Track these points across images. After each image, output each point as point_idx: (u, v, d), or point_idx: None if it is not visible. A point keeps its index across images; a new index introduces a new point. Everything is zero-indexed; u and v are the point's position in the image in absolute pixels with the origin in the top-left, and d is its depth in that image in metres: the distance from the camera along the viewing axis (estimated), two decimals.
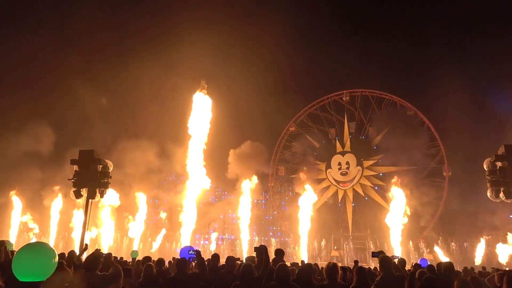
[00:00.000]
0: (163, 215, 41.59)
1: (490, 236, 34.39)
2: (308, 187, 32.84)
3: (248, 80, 50.40)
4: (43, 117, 41.34)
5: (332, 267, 5.86)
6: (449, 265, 7.93)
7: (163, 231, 39.47)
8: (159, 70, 50.49)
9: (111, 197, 31.97)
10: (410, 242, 38.66)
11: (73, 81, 48.54)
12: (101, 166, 17.00)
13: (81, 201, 17.52)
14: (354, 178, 45.06)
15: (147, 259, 9.59)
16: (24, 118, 41.99)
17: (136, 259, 12.93)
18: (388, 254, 7.09)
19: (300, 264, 11.57)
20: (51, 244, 28.85)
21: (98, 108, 46.71)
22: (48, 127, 40.01)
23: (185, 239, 29.38)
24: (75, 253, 9.15)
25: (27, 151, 38.91)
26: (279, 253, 7.48)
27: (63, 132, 42.33)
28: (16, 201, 37.32)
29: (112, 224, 36.98)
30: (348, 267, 10.74)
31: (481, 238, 34.51)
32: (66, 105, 45.98)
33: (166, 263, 10.24)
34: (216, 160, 46.84)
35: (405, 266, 8.39)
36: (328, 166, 46.51)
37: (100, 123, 45.29)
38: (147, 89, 51.66)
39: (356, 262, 13.69)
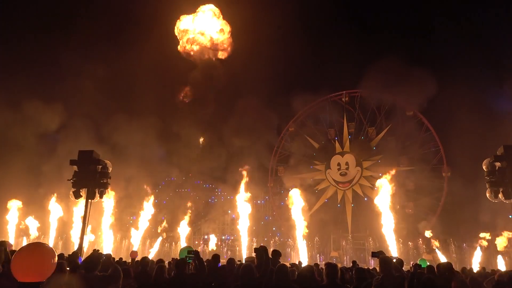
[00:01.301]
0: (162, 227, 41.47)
1: (489, 236, 34.35)
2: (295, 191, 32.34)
3: (246, 80, 50.38)
4: (41, 100, 40.87)
5: (331, 267, 5.87)
6: (448, 266, 7.95)
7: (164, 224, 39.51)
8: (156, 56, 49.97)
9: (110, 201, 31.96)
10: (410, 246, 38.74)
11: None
12: (100, 166, 16.99)
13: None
14: (353, 178, 45.06)
15: (145, 259, 9.60)
16: (19, 100, 41.32)
17: (135, 260, 12.94)
18: (387, 254, 7.10)
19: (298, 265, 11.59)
20: (51, 244, 28.77)
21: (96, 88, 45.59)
22: (48, 111, 39.53)
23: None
24: (78, 254, 9.15)
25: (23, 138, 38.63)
26: (276, 254, 7.51)
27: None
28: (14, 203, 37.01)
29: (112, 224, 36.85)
30: (348, 267, 10.75)
31: (480, 239, 34.48)
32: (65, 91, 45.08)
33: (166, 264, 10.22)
34: (215, 161, 47.04)
35: (402, 266, 8.40)
36: (328, 167, 46.51)
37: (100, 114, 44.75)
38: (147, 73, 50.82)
39: (354, 262, 13.71)
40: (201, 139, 48.70)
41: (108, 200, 31.35)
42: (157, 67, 49.45)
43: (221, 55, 50.33)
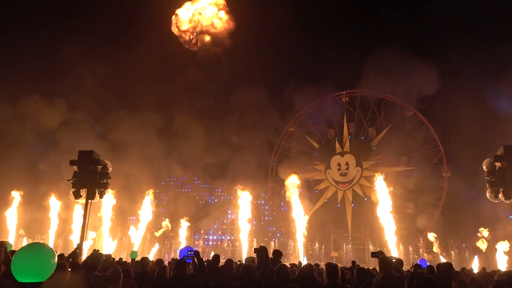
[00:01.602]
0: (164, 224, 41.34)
1: (489, 237, 34.33)
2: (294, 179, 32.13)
3: (246, 79, 50.31)
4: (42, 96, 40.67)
5: (331, 267, 5.87)
6: (448, 266, 7.95)
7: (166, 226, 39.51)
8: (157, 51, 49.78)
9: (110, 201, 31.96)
10: (410, 248, 38.73)
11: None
12: (100, 166, 16.96)
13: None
14: (353, 178, 45.07)
15: (145, 259, 9.60)
16: (20, 96, 41.11)
17: (136, 260, 12.93)
18: (387, 254, 7.10)
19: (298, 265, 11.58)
20: (51, 244, 28.70)
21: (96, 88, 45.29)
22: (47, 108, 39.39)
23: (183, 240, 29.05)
24: (78, 253, 9.13)
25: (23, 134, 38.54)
26: (277, 254, 7.51)
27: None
28: (14, 199, 36.85)
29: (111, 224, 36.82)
30: (348, 267, 10.75)
31: (480, 239, 34.45)
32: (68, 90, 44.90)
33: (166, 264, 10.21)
34: (215, 160, 47.01)
35: (402, 266, 8.42)
36: (328, 167, 46.51)
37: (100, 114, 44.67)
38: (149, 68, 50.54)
39: (353, 262, 13.70)
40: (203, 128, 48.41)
41: (108, 200, 31.33)
42: (157, 62, 49.45)
43: (221, 48, 49.86)
